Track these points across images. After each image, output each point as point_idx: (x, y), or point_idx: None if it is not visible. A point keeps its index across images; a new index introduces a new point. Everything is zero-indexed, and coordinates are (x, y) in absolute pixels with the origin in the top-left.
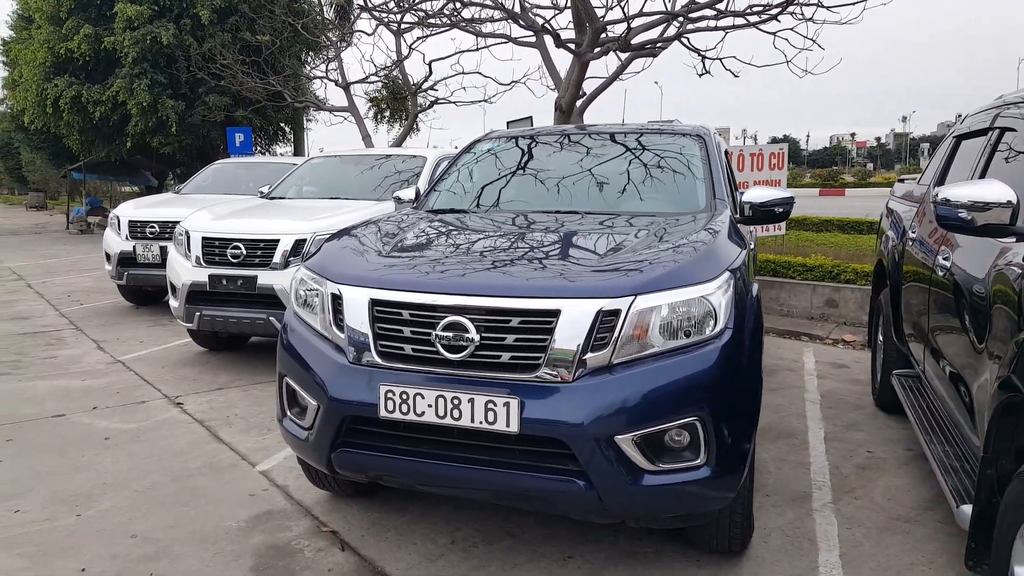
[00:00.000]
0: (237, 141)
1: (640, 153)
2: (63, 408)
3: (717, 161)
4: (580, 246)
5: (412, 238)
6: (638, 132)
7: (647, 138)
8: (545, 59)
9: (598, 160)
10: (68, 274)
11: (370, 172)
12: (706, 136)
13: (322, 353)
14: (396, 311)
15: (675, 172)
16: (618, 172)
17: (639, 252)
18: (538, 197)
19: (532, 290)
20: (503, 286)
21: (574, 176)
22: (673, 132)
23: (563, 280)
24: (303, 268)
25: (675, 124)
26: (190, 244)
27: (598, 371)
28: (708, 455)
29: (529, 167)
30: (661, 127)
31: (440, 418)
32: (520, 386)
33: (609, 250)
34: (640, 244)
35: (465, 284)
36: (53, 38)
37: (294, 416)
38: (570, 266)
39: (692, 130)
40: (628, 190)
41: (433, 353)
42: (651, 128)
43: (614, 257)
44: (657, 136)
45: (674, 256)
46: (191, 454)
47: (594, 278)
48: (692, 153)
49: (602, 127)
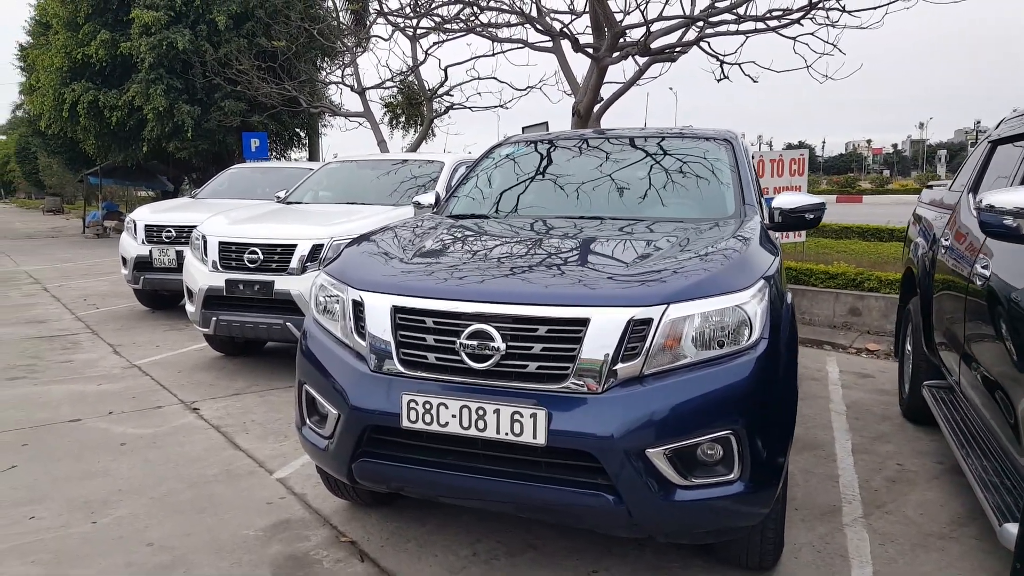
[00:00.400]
0: (253, 146)
1: (665, 157)
2: (79, 413)
3: (746, 166)
4: (608, 253)
5: (434, 244)
6: (662, 136)
7: (671, 142)
8: (562, 64)
9: (621, 165)
10: (84, 278)
11: (387, 177)
12: (734, 140)
13: (343, 361)
14: (419, 318)
15: (702, 177)
16: (642, 177)
17: (670, 259)
18: (560, 202)
19: (560, 298)
20: (530, 293)
21: (596, 181)
22: (699, 136)
23: (592, 288)
24: (323, 274)
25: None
26: (207, 249)
27: (629, 382)
28: (742, 470)
29: (550, 172)
30: (684, 131)
31: (464, 429)
32: (547, 397)
33: (638, 257)
34: (670, 251)
35: (490, 291)
36: (70, 43)
37: (314, 424)
38: (599, 273)
39: (719, 134)
40: (653, 195)
41: (457, 362)
42: (676, 131)
43: (644, 264)
44: (682, 140)
45: (707, 263)
46: (207, 460)
47: (624, 286)
48: (720, 157)
49: (624, 131)
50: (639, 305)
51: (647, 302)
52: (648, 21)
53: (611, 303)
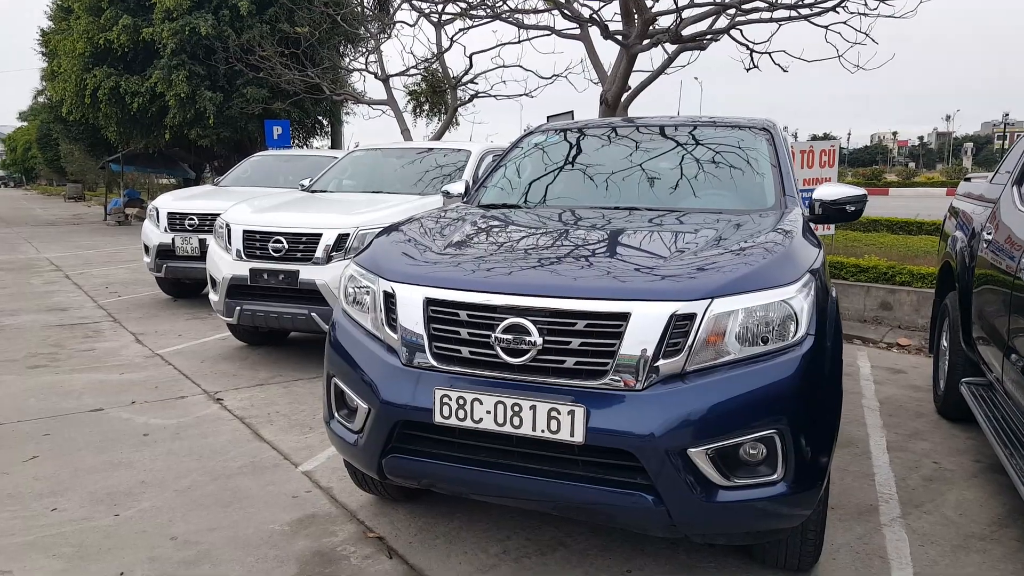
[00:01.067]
0: (275, 134)
1: (699, 147)
2: (101, 402)
3: (785, 156)
4: (646, 245)
5: (467, 235)
6: (696, 124)
7: (706, 131)
8: (589, 52)
9: (654, 154)
10: (106, 266)
11: (412, 166)
12: (773, 130)
13: (373, 354)
14: (452, 311)
15: (739, 167)
16: (676, 167)
17: (712, 252)
18: (593, 192)
19: (599, 291)
20: (568, 287)
21: (630, 171)
22: (736, 125)
23: (633, 281)
24: (353, 264)
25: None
26: (231, 237)
27: (670, 379)
28: (785, 470)
29: (581, 161)
30: (719, 119)
31: (499, 425)
32: (586, 393)
33: (679, 250)
34: (712, 243)
35: (526, 284)
36: (92, 29)
37: (342, 418)
38: (639, 266)
39: (757, 122)
40: (688, 186)
41: (492, 356)
42: (711, 120)
43: (685, 257)
44: (718, 129)
45: (751, 257)
46: (231, 453)
47: (667, 279)
48: (758, 147)
49: (657, 119)
50: (682, 299)
51: (690, 296)
52: (680, 8)
53: (653, 297)
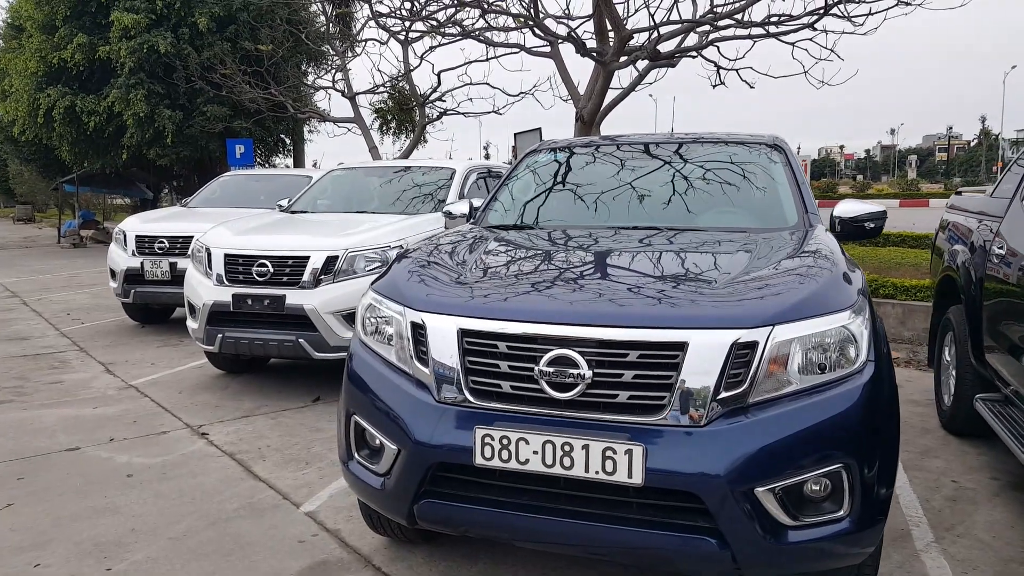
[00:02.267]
0: (237, 153)
1: (714, 163)
2: (76, 440)
3: (801, 172)
4: (690, 268)
5: (492, 259)
6: (707, 141)
7: (719, 148)
8: (560, 69)
9: (669, 171)
10: (65, 290)
11: (395, 185)
12: (784, 145)
13: (401, 389)
14: (490, 343)
15: (757, 184)
16: (693, 184)
17: (762, 275)
18: (608, 212)
19: (654, 319)
20: (618, 314)
21: (644, 189)
22: (746, 141)
23: (688, 307)
24: (372, 292)
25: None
26: (211, 261)
27: (732, 413)
28: (851, 506)
29: (593, 180)
30: (729, 136)
31: (548, 467)
32: (643, 430)
33: (725, 272)
34: (755, 265)
35: (572, 312)
36: (45, 47)
37: (364, 459)
38: (691, 291)
39: (767, 139)
40: (706, 204)
41: (536, 391)
42: (721, 137)
43: (737, 281)
44: (729, 145)
45: (805, 280)
46: (226, 493)
47: (724, 305)
48: (772, 164)
49: (666, 136)
50: (743, 327)
51: (751, 323)
52: (657, 24)
53: (712, 324)
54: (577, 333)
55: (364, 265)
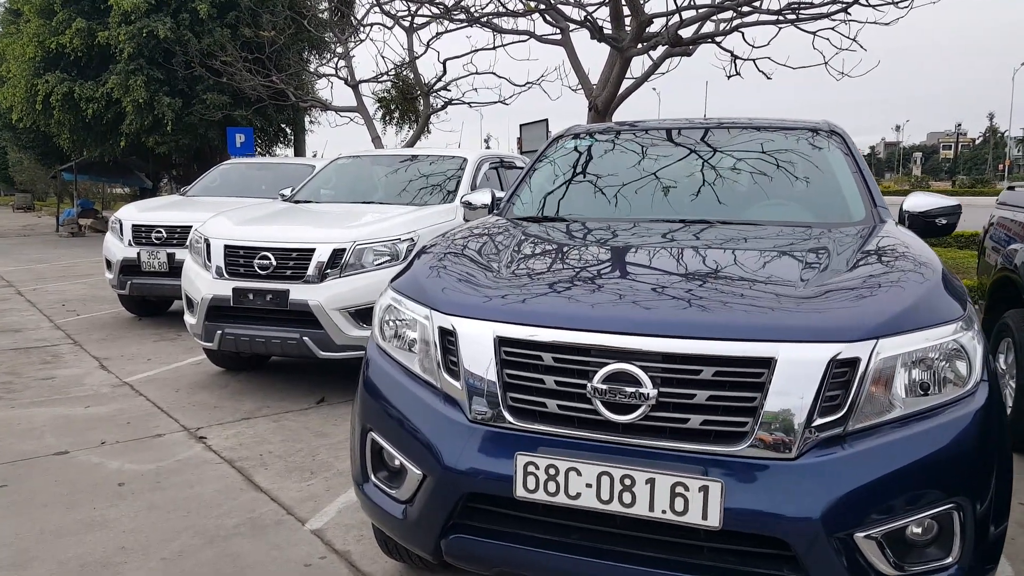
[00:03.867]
0: (238, 142)
1: (766, 151)
2: (66, 443)
3: (863, 162)
4: (765, 269)
5: (530, 256)
6: (756, 126)
7: (769, 134)
8: (571, 57)
9: (714, 159)
10: (61, 281)
11: (404, 174)
12: (841, 131)
13: (427, 405)
14: (533, 353)
15: (815, 175)
16: (741, 173)
17: (850, 278)
18: (649, 203)
19: (734, 329)
20: (690, 323)
21: (688, 178)
22: (801, 127)
23: (775, 316)
24: (392, 292)
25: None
26: (210, 253)
27: (828, 443)
28: (961, 551)
29: (631, 167)
30: (781, 122)
31: (604, 503)
32: (720, 463)
33: (804, 275)
34: (838, 267)
35: (633, 319)
36: (43, 32)
37: (382, 482)
38: (773, 297)
39: (822, 126)
40: (758, 194)
41: (589, 412)
42: (770, 122)
43: (822, 285)
44: (782, 132)
45: (902, 285)
46: (225, 506)
47: (818, 314)
48: (831, 152)
49: (708, 121)
50: (842, 340)
51: (852, 336)
52: (680, 8)
53: (805, 337)
54: (639, 345)
55: (372, 259)
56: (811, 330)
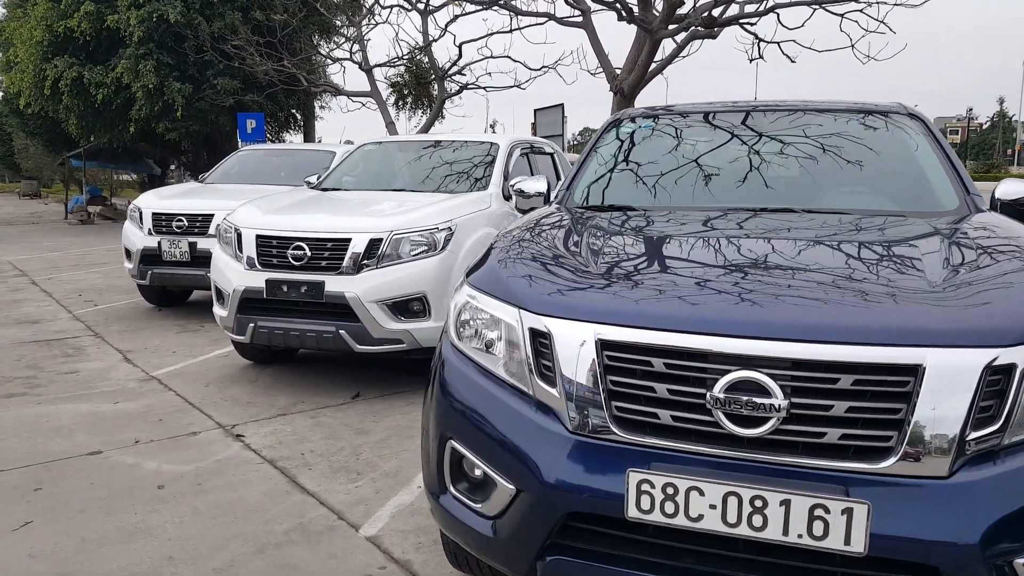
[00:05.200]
0: (249, 128)
1: (843, 136)
2: (98, 442)
3: (948, 146)
4: (880, 263)
5: (620, 250)
6: (827, 109)
7: (843, 117)
8: (592, 40)
9: (789, 143)
10: (75, 269)
11: (432, 161)
12: (923, 116)
13: (518, 413)
14: (642, 359)
15: (901, 160)
16: (821, 158)
17: (982, 275)
18: (725, 190)
19: (874, 333)
20: (825, 326)
21: (763, 163)
22: (876, 110)
23: (921, 317)
24: (468, 287)
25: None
26: (241, 244)
27: (982, 459)
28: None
29: (701, 152)
30: (846, 104)
31: (730, 526)
32: (864, 481)
33: (930, 271)
34: (959, 261)
35: (760, 321)
36: (51, 15)
37: (464, 495)
38: (909, 295)
39: (900, 108)
40: (842, 181)
41: (710, 425)
42: (842, 104)
43: (954, 282)
44: (856, 115)
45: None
46: (272, 511)
47: (966, 315)
48: (914, 137)
49: (776, 103)
50: (996, 344)
51: (1006, 340)
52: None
53: (955, 341)
54: (767, 350)
55: (409, 249)
56: (963, 333)
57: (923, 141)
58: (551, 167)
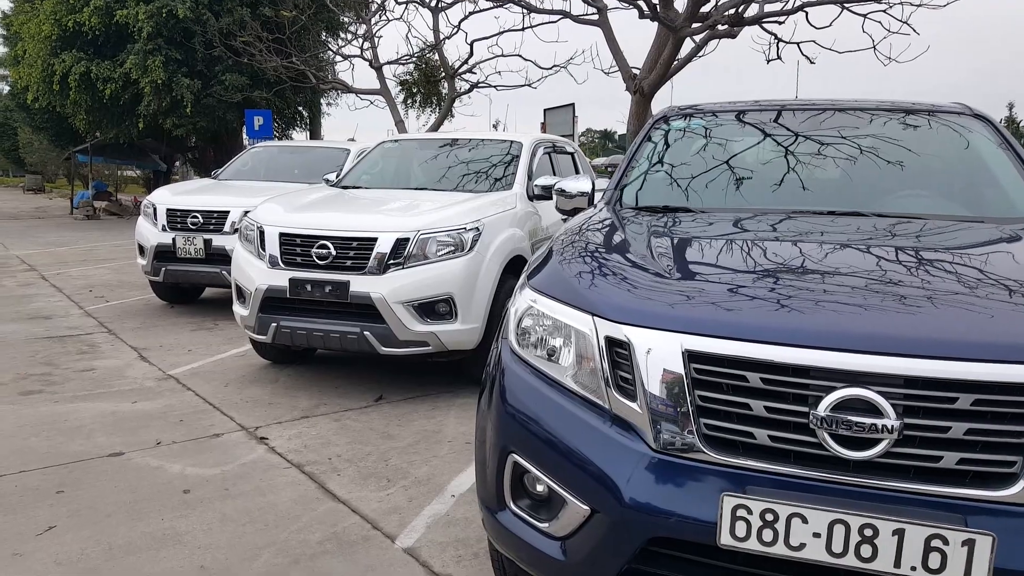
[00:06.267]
0: (256, 124)
1: (905, 135)
2: (118, 443)
3: (1022, 149)
4: (983, 273)
5: (697, 254)
6: (886, 107)
7: (905, 116)
8: (608, 39)
9: (850, 144)
10: (83, 264)
11: (453, 159)
12: (990, 117)
13: (592, 428)
14: (736, 373)
15: (967, 163)
16: (884, 160)
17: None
18: (789, 191)
19: (999, 349)
20: (942, 340)
21: (823, 164)
22: (940, 110)
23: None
24: (530, 291)
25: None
26: (264, 241)
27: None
28: None
29: (757, 151)
30: (915, 104)
31: (835, 556)
32: (986, 510)
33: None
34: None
35: (869, 333)
36: (60, 10)
37: (526, 512)
38: (1009, 304)
39: (964, 109)
40: (907, 184)
41: (813, 446)
42: (905, 104)
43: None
44: (920, 114)
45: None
46: (304, 519)
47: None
48: (982, 138)
49: (835, 102)
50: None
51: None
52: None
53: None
54: (879, 366)
55: (436, 249)
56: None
57: (991, 145)
58: (571, 166)
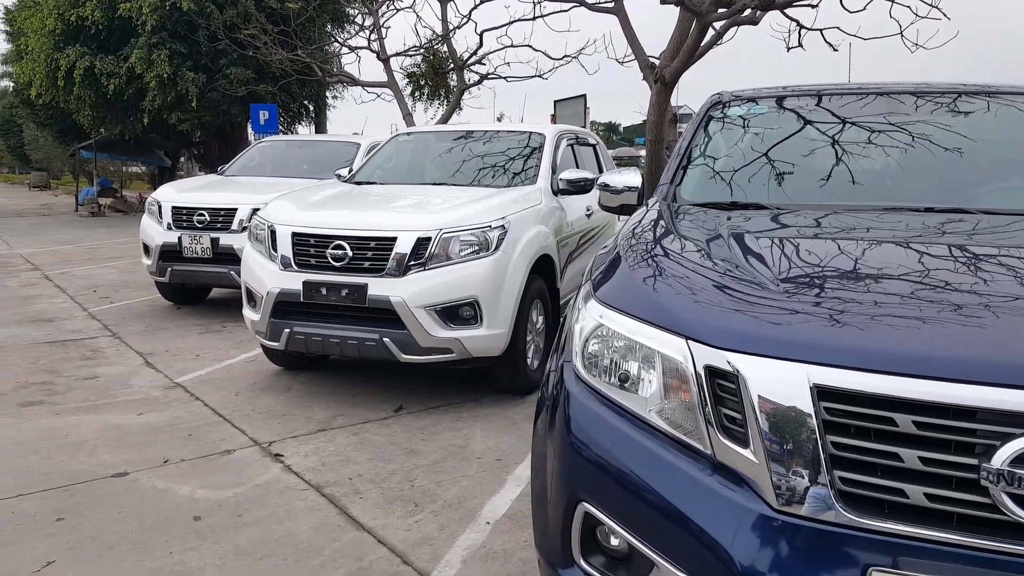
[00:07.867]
0: (262, 119)
1: (992, 125)
2: (123, 461)
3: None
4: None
5: (807, 262)
6: (989, 92)
7: (982, 103)
8: (625, 26)
9: (943, 133)
10: (88, 264)
11: (471, 152)
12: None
13: (689, 477)
14: (880, 414)
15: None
16: (987, 150)
17: None
18: (878, 186)
19: None
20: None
21: (905, 155)
22: (1016, 92)
23: None
24: (599, 305)
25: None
26: (275, 242)
27: None
28: None
29: (830, 142)
30: (992, 87)
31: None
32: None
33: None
34: None
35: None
36: (63, 4)
37: (600, 570)
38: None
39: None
40: (1003, 176)
41: (987, 508)
42: (1009, 88)
43: None
44: (1004, 97)
45: None
46: (326, 551)
47: None
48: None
49: (920, 85)
50: None
51: None
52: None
53: None
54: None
55: (459, 249)
56: None
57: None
58: (593, 159)
